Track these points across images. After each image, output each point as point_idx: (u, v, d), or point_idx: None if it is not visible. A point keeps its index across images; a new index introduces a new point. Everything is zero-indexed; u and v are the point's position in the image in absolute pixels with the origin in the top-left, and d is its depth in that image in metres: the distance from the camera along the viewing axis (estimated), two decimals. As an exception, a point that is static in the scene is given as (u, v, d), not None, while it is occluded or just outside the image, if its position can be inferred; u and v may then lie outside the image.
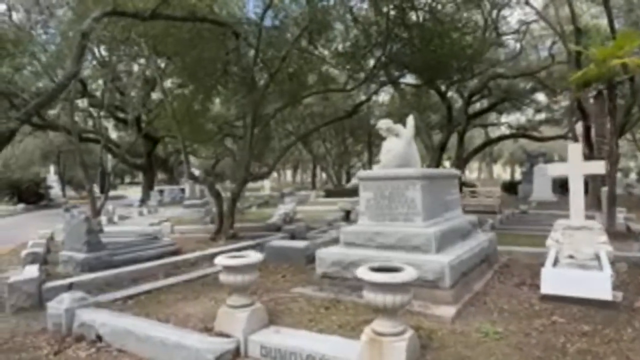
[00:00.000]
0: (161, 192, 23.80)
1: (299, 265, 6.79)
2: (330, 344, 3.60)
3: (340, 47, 12.20)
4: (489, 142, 28.57)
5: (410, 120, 6.85)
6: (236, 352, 3.77)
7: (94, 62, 20.83)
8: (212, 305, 4.92)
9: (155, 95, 23.72)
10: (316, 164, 33.48)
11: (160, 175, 33.76)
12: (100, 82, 22.56)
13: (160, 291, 5.77)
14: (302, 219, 13.79)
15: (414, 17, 11.00)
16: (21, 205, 23.33)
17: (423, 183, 5.16)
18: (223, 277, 4.04)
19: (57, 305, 4.69)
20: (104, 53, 19.30)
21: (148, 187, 24.40)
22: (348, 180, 30.80)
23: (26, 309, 5.52)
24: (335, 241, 9.32)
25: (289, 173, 60.28)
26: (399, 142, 6.60)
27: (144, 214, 16.47)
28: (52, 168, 37.13)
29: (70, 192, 39.40)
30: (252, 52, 10.76)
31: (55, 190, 32.26)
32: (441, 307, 4.40)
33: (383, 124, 6.78)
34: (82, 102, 24.56)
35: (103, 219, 13.89)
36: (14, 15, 18.66)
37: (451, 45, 10.60)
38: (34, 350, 4.24)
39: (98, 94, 22.65)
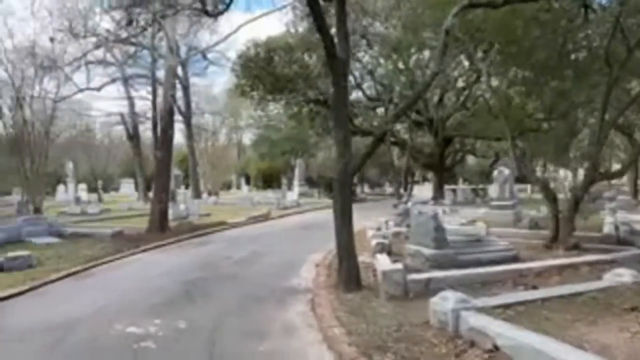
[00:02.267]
0: (454, 191, 23.78)
1: None
2: None
3: None
4: None
5: None
6: None
7: (390, 66, 22.61)
8: (629, 338, 3.88)
9: (447, 95, 23.87)
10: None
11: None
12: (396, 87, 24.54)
13: (534, 305, 5.11)
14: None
15: None
16: (337, 199, 28.01)
17: None
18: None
19: (442, 303, 4.69)
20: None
21: (439, 185, 24.84)
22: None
23: (396, 297, 5.91)
24: None
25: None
26: None
27: (446, 212, 16.57)
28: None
29: (365, 189, 45.00)
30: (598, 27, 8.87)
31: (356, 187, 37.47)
32: None
33: None
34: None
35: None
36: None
37: None
38: (431, 347, 4.28)
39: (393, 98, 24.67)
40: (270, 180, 47.89)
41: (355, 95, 26.49)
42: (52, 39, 13.07)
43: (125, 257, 9.66)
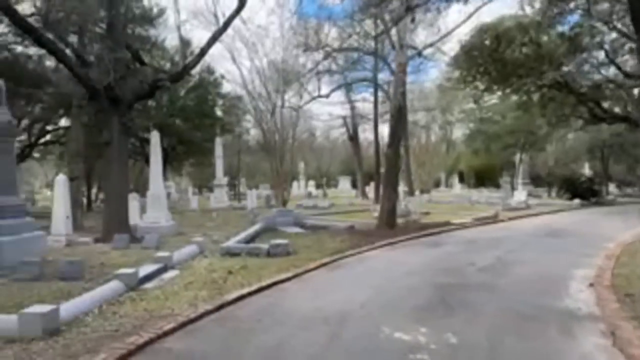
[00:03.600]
0: None
1: None
2: None
3: None
4: None
5: None
6: None
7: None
8: None
9: None
10: None
11: None
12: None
13: None
14: None
15: None
16: (577, 201, 23.54)
17: None
18: None
19: None
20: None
21: None
22: None
23: None
24: None
25: None
26: None
27: None
28: (586, 164, 35.97)
29: (611, 189, 36.78)
30: None
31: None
32: None
33: None
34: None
35: None
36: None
37: None
38: None
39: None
40: (483, 177, 44.47)
41: (605, 72, 21.64)
42: (305, 49, 14.77)
43: (363, 252, 9.95)
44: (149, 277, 7.31)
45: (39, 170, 43.41)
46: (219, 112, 27.92)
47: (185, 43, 15.34)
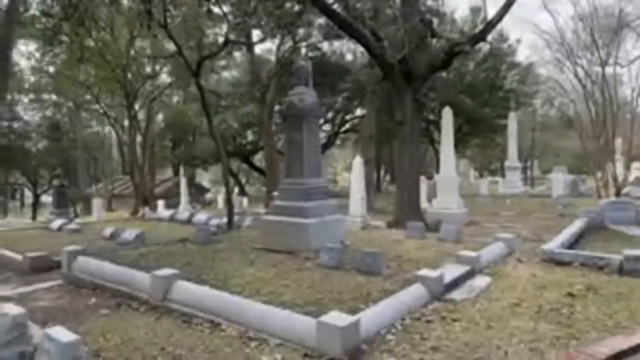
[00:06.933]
0: None
1: None
2: None
3: None
4: None
5: None
6: None
7: None
8: None
9: None
10: None
11: None
12: None
13: None
14: None
15: None
16: None
17: None
18: None
19: None
20: None
21: None
22: None
23: None
24: None
25: None
26: None
27: None
28: None
29: None
30: None
31: None
32: None
33: None
34: None
35: None
36: None
37: None
38: None
39: None
40: None
41: None
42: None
43: None
44: (454, 283, 5.76)
45: (340, 155, 50.28)
46: (511, 84, 24.20)
47: None
